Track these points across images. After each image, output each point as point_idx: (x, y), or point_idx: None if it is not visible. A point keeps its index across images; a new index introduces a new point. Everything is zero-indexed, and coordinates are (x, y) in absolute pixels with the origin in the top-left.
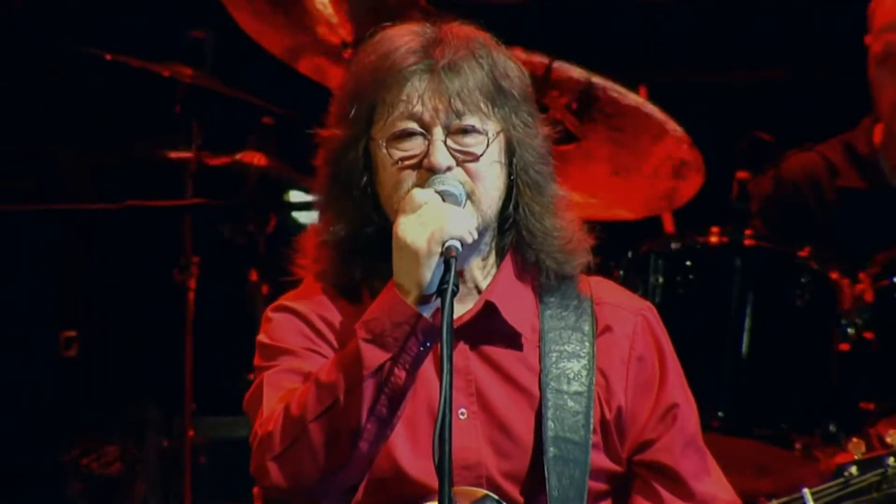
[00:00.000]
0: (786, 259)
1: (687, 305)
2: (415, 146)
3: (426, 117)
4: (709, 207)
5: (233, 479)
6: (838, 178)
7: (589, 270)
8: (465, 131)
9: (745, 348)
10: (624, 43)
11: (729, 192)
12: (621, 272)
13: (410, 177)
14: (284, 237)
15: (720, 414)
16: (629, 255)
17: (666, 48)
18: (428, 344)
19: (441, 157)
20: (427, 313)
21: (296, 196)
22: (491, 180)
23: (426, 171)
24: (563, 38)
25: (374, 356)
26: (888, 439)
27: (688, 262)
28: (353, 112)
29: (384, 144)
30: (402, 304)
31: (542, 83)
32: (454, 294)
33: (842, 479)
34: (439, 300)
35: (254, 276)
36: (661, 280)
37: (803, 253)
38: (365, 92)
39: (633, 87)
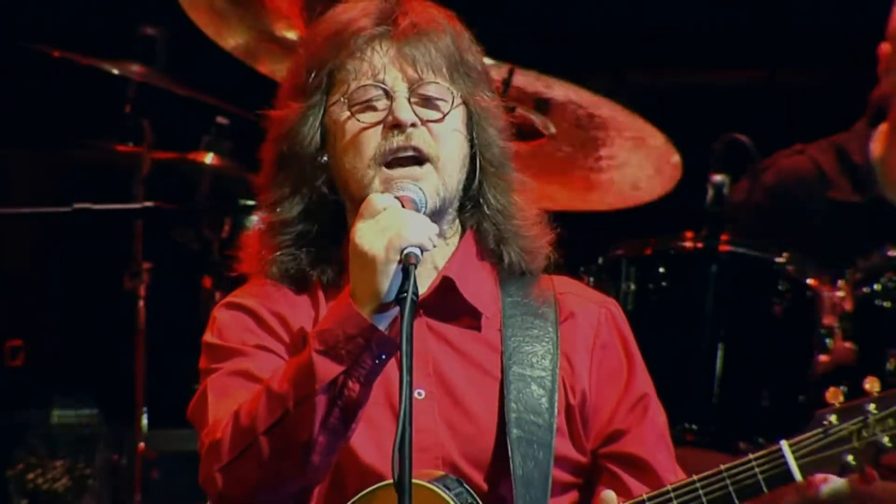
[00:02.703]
0: (763, 265)
1: (660, 313)
2: (378, 106)
3: (389, 80)
4: (683, 211)
5: (185, 495)
6: (830, 189)
7: (557, 272)
8: (429, 92)
9: (719, 358)
10: (598, 41)
11: (704, 196)
12: (591, 278)
13: (374, 137)
14: (239, 242)
15: (694, 427)
16: (599, 260)
17: (640, 46)
18: (383, 356)
19: (405, 113)
20: (384, 323)
21: (251, 199)
22: (453, 145)
23: (390, 129)
24: (534, 35)
25: (327, 369)
26: (866, 385)
27: (661, 269)
28: (310, 81)
29: (346, 106)
30: (357, 316)
31: (504, 88)
32: (413, 303)
33: (821, 429)
34: (397, 309)
35: (208, 282)
36: (632, 287)
37: (781, 259)
38: (322, 59)
39: (607, 89)
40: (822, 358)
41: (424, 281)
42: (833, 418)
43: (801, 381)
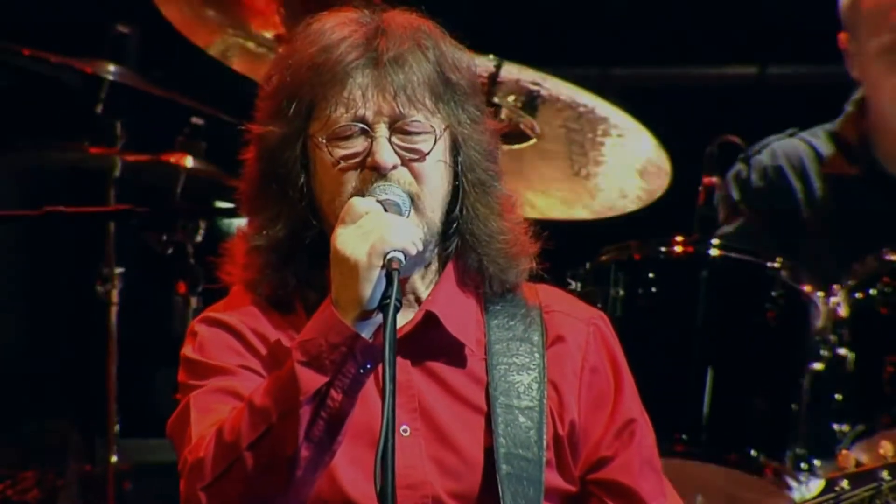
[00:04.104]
0: (755, 271)
1: (649, 320)
2: (357, 145)
3: (369, 115)
4: (673, 214)
5: None
6: (825, 166)
7: (542, 280)
8: (411, 129)
9: (711, 367)
10: (587, 39)
11: (695, 199)
12: (578, 284)
13: (353, 177)
14: (214, 247)
15: (684, 438)
16: (587, 265)
17: (627, 42)
18: (368, 366)
19: (386, 155)
20: (367, 331)
21: (227, 202)
22: (436, 181)
23: (370, 171)
24: (523, 34)
25: (310, 380)
26: (881, 451)
27: (650, 274)
28: (290, 109)
29: (324, 143)
30: (340, 324)
31: (490, 85)
32: (397, 310)
33: (832, 494)
34: (381, 316)
35: (182, 288)
36: (621, 293)
37: (774, 264)
38: (303, 87)
39: (594, 86)
40: (817, 366)
41: (407, 313)
42: (845, 483)
43: (796, 390)
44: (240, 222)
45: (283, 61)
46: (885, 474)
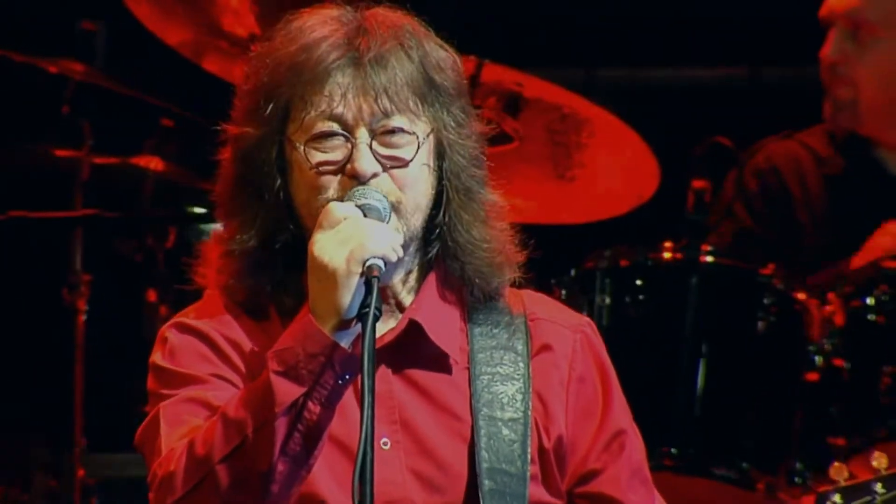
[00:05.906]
0: (747, 278)
1: (637, 329)
2: (336, 149)
3: (349, 117)
4: (662, 219)
5: None
6: (823, 167)
7: (526, 287)
8: (393, 133)
9: (701, 377)
10: (571, 38)
11: (684, 203)
12: (563, 291)
13: (332, 183)
14: (185, 253)
15: (674, 451)
16: (572, 272)
17: (615, 41)
18: (347, 377)
19: (366, 163)
20: (346, 341)
21: (198, 207)
22: (419, 187)
23: (349, 178)
24: (502, 30)
25: (287, 391)
26: (874, 462)
27: (638, 281)
28: (267, 109)
29: (302, 147)
30: (318, 333)
31: (471, 85)
32: (377, 318)
33: None
34: (360, 325)
35: (152, 296)
36: (607, 300)
37: (766, 271)
38: (281, 87)
39: (581, 88)
40: (811, 376)
41: (389, 320)
42: (837, 497)
43: (789, 401)
44: (210, 227)
45: (262, 59)
46: (878, 487)
